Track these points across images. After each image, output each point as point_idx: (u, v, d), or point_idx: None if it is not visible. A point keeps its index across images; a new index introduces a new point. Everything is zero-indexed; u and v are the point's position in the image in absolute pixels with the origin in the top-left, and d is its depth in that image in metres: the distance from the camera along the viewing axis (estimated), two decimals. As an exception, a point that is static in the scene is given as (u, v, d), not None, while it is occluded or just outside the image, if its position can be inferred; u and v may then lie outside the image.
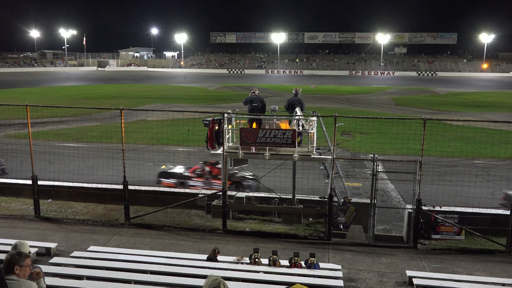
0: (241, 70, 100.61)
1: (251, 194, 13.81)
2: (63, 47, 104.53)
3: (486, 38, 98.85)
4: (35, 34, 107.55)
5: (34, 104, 13.24)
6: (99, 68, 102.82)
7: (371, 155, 11.48)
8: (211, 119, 12.52)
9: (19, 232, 11.64)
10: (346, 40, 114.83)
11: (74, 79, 77.20)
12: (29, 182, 12.96)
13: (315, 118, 12.77)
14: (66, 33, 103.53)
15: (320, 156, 12.55)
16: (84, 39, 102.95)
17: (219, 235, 11.97)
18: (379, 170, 11.53)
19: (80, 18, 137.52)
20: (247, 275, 8.43)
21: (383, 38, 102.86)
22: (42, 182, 13.33)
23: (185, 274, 8.33)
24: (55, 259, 9.21)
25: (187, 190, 14.86)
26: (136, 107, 34.24)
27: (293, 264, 9.11)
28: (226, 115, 12.34)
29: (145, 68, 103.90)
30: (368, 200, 11.96)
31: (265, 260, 9.30)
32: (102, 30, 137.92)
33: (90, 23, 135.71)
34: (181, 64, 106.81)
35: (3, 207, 13.64)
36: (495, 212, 11.73)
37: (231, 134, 13.34)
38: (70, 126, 29.42)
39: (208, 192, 13.82)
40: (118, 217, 12.89)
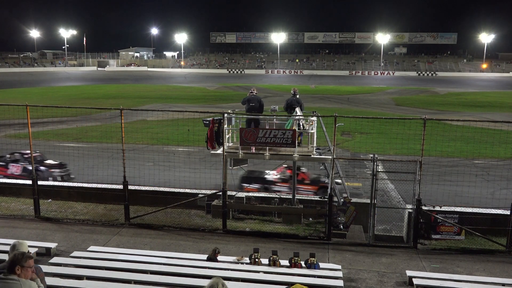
0: (241, 70, 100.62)
1: (251, 194, 13.80)
2: (63, 47, 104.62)
3: (486, 38, 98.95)
4: (35, 34, 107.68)
5: (34, 104, 13.24)
6: (99, 68, 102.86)
7: (371, 155, 11.47)
8: (211, 119, 12.53)
9: (19, 232, 11.63)
10: (346, 40, 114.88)
11: (74, 79, 77.21)
12: (29, 182, 12.96)
13: (315, 118, 12.78)
14: (66, 33, 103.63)
15: (320, 156, 12.55)
16: (84, 39, 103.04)
17: (219, 235, 11.97)
18: (379, 170, 11.53)
19: (80, 18, 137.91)
20: (247, 275, 8.42)
21: (383, 38, 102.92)
22: (42, 182, 13.35)
23: (185, 274, 8.33)
24: (55, 259, 9.21)
25: (187, 190, 14.85)
26: (136, 107, 34.25)
27: (293, 264, 9.10)
28: (226, 115, 12.34)
29: (145, 68, 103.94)
30: (368, 200, 11.96)
31: (265, 260, 9.29)
32: (102, 30, 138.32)
33: (90, 23, 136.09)
34: (181, 64, 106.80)
35: (3, 207, 13.63)
36: (495, 212, 11.72)
37: (231, 134, 13.34)
38: (70, 126, 29.42)
39: (209, 192, 13.80)
40: (118, 217, 12.89)
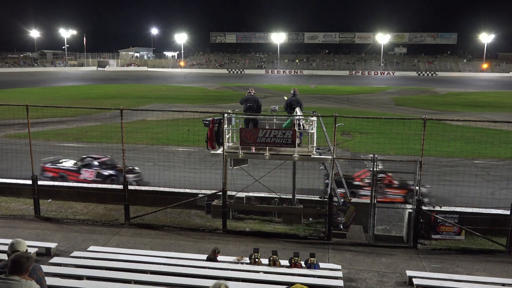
0: (241, 70, 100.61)
1: (251, 194, 13.81)
2: (63, 47, 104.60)
3: (486, 38, 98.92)
4: (35, 34, 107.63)
5: (34, 104, 13.24)
6: (99, 68, 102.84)
7: (371, 155, 11.48)
8: (211, 119, 12.53)
9: (19, 232, 11.63)
10: (346, 40, 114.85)
11: (74, 79, 77.20)
12: (29, 182, 12.96)
13: (315, 118, 12.78)
14: (66, 33, 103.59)
15: (320, 156, 12.55)
16: (84, 39, 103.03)
17: (219, 235, 11.97)
18: (379, 170, 11.53)
19: (80, 18, 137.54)
20: (247, 275, 8.42)
21: (383, 38, 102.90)
22: (42, 182, 13.35)
23: (185, 274, 8.33)
24: (55, 259, 9.21)
25: (187, 190, 14.84)
26: (136, 107, 34.23)
27: (293, 264, 9.10)
28: (226, 115, 12.35)
29: (145, 68, 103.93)
30: (368, 200, 11.96)
31: (265, 260, 9.29)
32: (102, 30, 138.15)
33: (90, 23, 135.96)
34: (180, 64, 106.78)
35: (3, 207, 13.64)
36: (495, 212, 11.73)
37: (231, 134, 13.34)
38: (70, 126, 29.41)
39: (209, 192, 13.81)
40: (118, 217, 12.89)
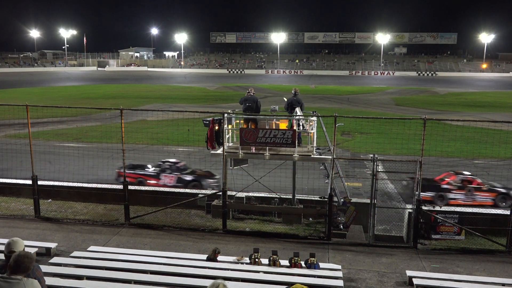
0: (241, 70, 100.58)
1: (251, 194, 13.81)
2: (63, 47, 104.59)
3: (486, 38, 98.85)
4: (35, 34, 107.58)
5: (34, 104, 13.25)
6: (99, 68, 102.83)
7: (371, 155, 11.48)
8: (211, 119, 12.53)
9: (19, 232, 11.62)
10: (346, 40, 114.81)
11: (74, 79, 77.19)
12: (29, 182, 12.95)
13: (315, 118, 12.78)
14: (66, 33, 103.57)
15: (320, 156, 12.55)
16: (85, 39, 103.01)
17: (219, 235, 11.97)
18: (379, 170, 11.53)
19: (80, 18, 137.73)
20: (247, 275, 8.42)
21: (383, 38, 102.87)
22: (42, 182, 13.33)
23: (185, 274, 8.33)
24: (55, 259, 9.21)
25: (187, 190, 14.86)
26: (136, 107, 34.23)
27: (293, 264, 9.10)
28: (226, 115, 12.35)
29: (145, 68, 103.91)
30: (368, 200, 11.96)
31: (265, 260, 9.29)
32: (102, 30, 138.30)
33: (90, 23, 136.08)
34: (181, 64, 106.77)
35: (3, 207, 13.63)
36: (495, 212, 11.75)
37: (231, 134, 13.34)
38: (70, 126, 29.41)
39: (209, 192, 13.82)
40: (118, 217, 12.89)
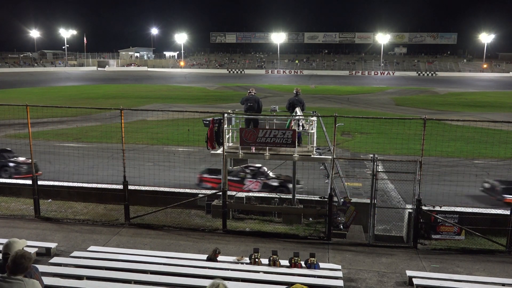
0: (241, 70, 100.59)
1: (251, 194, 13.81)
2: (63, 47, 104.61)
3: (486, 38, 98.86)
4: (35, 34, 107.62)
5: (34, 104, 13.24)
6: (99, 68, 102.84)
7: (371, 155, 11.47)
8: (211, 119, 12.53)
9: (19, 232, 11.62)
10: (346, 40, 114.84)
11: (74, 79, 77.20)
12: (29, 182, 12.96)
13: (315, 118, 12.78)
14: (66, 33, 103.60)
15: (320, 156, 12.55)
16: (85, 39, 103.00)
17: (219, 235, 11.97)
18: (379, 170, 11.53)
19: (80, 18, 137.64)
20: (247, 275, 8.42)
21: (383, 38, 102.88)
22: (42, 182, 13.33)
23: (185, 274, 8.33)
24: (55, 259, 9.20)
25: (187, 190, 14.86)
26: (136, 107, 34.24)
27: (293, 264, 9.10)
28: (226, 115, 12.35)
29: (145, 68, 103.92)
30: (368, 200, 11.96)
31: (265, 260, 9.29)
32: (102, 30, 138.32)
33: (90, 23, 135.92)
34: (180, 64, 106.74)
35: (3, 207, 13.63)
36: (495, 212, 11.73)
37: (231, 134, 13.34)
38: (70, 126, 29.42)
39: (209, 192, 13.81)
40: (118, 217, 12.89)
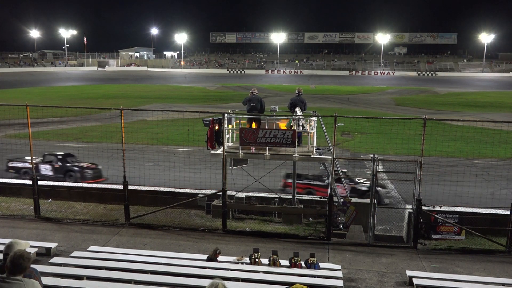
0: (241, 70, 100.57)
1: (251, 194, 13.81)
2: (63, 47, 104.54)
3: (486, 38, 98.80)
4: (35, 34, 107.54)
5: (34, 104, 13.24)
6: (99, 68, 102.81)
7: (371, 155, 11.47)
8: (211, 119, 12.52)
9: (19, 232, 11.63)
10: (346, 40, 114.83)
11: (74, 79, 77.19)
12: (29, 182, 12.96)
13: (315, 118, 12.78)
14: (66, 33, 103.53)
15: (320, 156, 12.55)
16: (85, 39, 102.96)
17: (219, 235, 11.97)
18: (379, 170, 11.53)
19: (80, 18, 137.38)
20: (247, 275, 8.42)
21: (383, 38, 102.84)
22: (42, 182, 13.33)
23: (185, 274, 8.33)
24: (55, 259, 9.21)
25: (187, 190, 14.85)
26: (136, 107, 34.24)
27: (293, 264, 9.10)
28: (226, 115, 12.35)
29: (145, 68, 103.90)
30: (368, 200, 11.96)
31: (265, 260, 9.29)
32: (102, 30, 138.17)
33: (90, 23, 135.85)
34: (181, 64, 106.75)
35: (3, 207, 13.63)
36: (495, 212, 11.73)
37: (231, 134, 13.34)
38: (70, 126, 29.42)
39: (209, 192, 13.81)
40: (118, 217, 12.89)
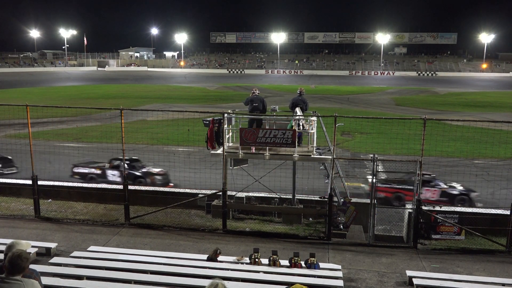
0: (241, 70, 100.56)
1: (251, 194, 13.81)
2: (63, 47, 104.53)
3: (486, 38, 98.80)
4: (35, 34, 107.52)
5: (34, 104, 13.23)
6: (99, 68, 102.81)
7: (371, 155, 11.48)
8: (211, 119, 12.53)
9: (19, 232, 11.63)
10: (346, 40, 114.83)
11: (74, 79, 77.19)
12: (29, 182, 12.94)
13: (315, 118, 12.78)
14: (66, 33, 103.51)
15: (320, 156, 12.55)
16: (85, 39, 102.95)
17: (219, 235, 11.97)
18: (379, 170, 11.53)
19: (80, 18, 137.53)
20: (247, 275, 8.42)
21: (383, 38, 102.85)
22: (42, 182, 13.33)
23: (185, 274, 8.33)
24: (55, 259, 9.20)
25: (187, 190, 14.85)
26: (136, 107, 34.22)
27: (293, 264, 9.10)
28: (226, 115, 12.35)
29: (145, 68, 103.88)
30: (368, 200, 11.96)
31: (265, 260, 9.29)
32: (102, 30, 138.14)
33: (90, 23, 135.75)
34: (180, 64, 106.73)
35: (3, 207, 13.63)
36: (495, 212, 11.74)
37: (231, 134, 13.34)
38: (70, 126, 29.41)
39: (209, 192, 13.81)
40: (118, 217, 12.89)
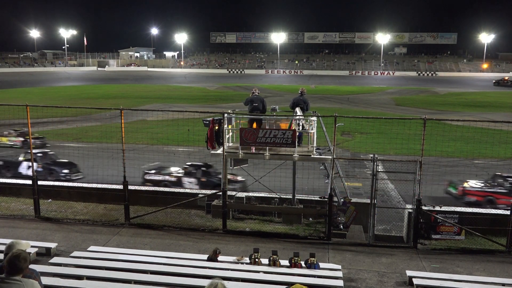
0: (241, 70, 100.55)
1: (251, 194, 13.81)
2: (63, 47, 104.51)
3: (486, 38, 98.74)
4: (35, 34, 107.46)
5: (34, 104, 13.23)
6: (99, 68, 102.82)
7: (371, 155, 11.47)
8: (211, 119, 12.52)
9: (19, 232, 11.63)
10: (346, 40, 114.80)
11: (74, 79, 77.19)
12: (29, 182, 12.95)
13: (315, 118, 12.78)
14: (66, 33, 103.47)
15: (320, 156, 12.55)
16: (85, 39, 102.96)
17: (219, 235, 11.97)
18: (379, 170, 11.53)
19: (80, 18, 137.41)
20: (247, 275, 8.42)
21: (383, 38, 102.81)
22: (42, 182, 13.33)
23: (185, 274, 8.33)
24: (55, 259, 9.21)
25: (187, 190, 14.87)
26: (136, 107, 34.23)
27: (293, 264, 9.10)
28: (226, 115, 12.34)
29: (145, 68, 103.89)
30: (368, 200, 11.96)
31: (265, 260, 9.29)
32: (102, 30, 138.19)
33: (90, 23, 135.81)
34: (180, 64, 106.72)
35: (3, 207, 13.63)
36: (495, 212, 11.75)
37: (231, 134, 13.34)
38: (70, 126, 29.43)
39: (209, 192, 13.82)
40: (118, 217, 12.89)
